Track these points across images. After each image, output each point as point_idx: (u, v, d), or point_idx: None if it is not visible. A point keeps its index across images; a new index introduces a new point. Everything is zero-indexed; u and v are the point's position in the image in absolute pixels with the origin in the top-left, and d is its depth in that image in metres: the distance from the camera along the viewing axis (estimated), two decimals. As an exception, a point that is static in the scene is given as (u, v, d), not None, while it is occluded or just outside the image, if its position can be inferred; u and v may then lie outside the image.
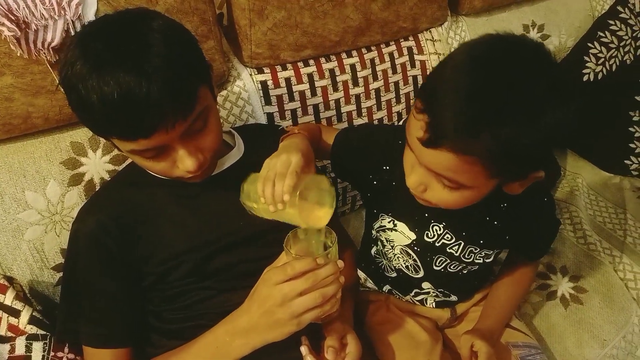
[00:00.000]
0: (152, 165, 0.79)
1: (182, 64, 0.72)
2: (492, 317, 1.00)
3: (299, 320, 0.72)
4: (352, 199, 1.36)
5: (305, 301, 0.71)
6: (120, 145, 0.76)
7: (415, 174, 0.77)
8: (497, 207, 0.89)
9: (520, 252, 1.02)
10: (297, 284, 0.71)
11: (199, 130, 0.77)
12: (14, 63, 0.87)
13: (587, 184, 1.54)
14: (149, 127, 0.70)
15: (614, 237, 1.38)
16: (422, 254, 0.95)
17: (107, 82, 0.67)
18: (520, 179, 0.76)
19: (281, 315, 0.72)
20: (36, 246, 0.95)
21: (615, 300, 1.20)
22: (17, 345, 0.82)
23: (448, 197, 0.76)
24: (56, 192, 0.96)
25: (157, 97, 0.68)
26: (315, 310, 0.72)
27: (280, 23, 1.09)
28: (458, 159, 0.68)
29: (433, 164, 0.72)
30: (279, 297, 0.71)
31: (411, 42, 1.31)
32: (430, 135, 0.68)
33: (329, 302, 0.73)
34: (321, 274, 0.72)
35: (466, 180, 0.72)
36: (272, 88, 1.16)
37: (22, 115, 0.91)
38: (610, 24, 1.51)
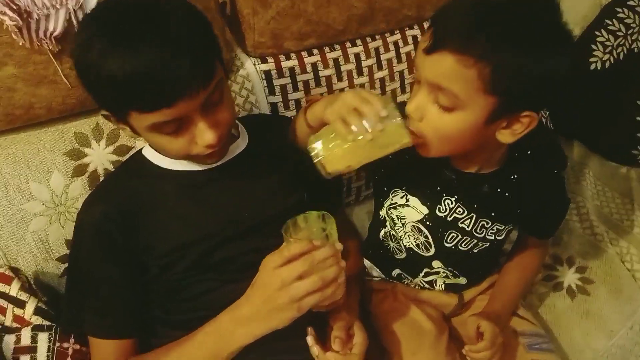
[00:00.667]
0: (169, 143, 0.78)
1: (201, 32, 0.73)
2: (500, 301, 1.01)
3: (299, 304, 0.71)
4: (357, 189, 1.36)
5: (304, 285, 0.70)
6: (140, 120, 0.74)
7: (414, 99, 0.79)
8: (508, 178, 0.91)
9: (530, 229, 1.02)
10: (294, 266, 0.71)
11: (216, 103, 0.77)
12: (16, 53, 0.86)
13: (594, 174, 1.53)
14: (173, 93, 0.70)
15: (621, 227, 1.37)
16: (433, 230, 0.96)
17: (131, 52, 0.67)
18: (511, 111, 0.76)
19: (281, 300, 0.71)
20: (41, 237, 0.95)
21: (622, 291, 1.20)
22: (22, 336, 0.83)
23: (443, 122, 0.76)
24: (60, 183, 0.96)
25: (181, 63, 0.68)
26: (316, 294, 0.71)
27: (283, 12, 1.08)
28: (454, 60, 0.70)
29: (432, 72, 0.74)
30: (278, 282, 0.71)
31: (416, 30, 1.29)
32: (433, 39, 0.73)
33: (330, 286, 0.72)
34: (318, 255, 0.71)
35: (461, 91, 0.72)
36: (275, 78, 1.15)
37: (25, 105, 0.91)
38: (618, 11, 1.49)
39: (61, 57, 0.89)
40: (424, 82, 0.77)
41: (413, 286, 1.05)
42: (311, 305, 0.72)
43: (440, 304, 1.05)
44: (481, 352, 0.89)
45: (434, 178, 0.91)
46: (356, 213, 1.36)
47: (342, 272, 0.74)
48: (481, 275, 1.07)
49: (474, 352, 0.90)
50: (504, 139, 0.79)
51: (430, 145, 0.80)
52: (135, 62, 0.67)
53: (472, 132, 0.77)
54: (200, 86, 0.72)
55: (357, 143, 0.73)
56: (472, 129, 0.77)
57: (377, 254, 1.07)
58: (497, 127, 0.78)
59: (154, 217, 0.85)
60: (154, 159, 0.89)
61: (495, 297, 1.03)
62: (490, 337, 0.89)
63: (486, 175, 0.89)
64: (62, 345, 0.85)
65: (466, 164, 0.90)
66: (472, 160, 0.89)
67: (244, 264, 0.86)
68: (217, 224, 0.85)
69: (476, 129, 0.77)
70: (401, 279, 1.05)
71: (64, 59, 0.90)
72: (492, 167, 0.91)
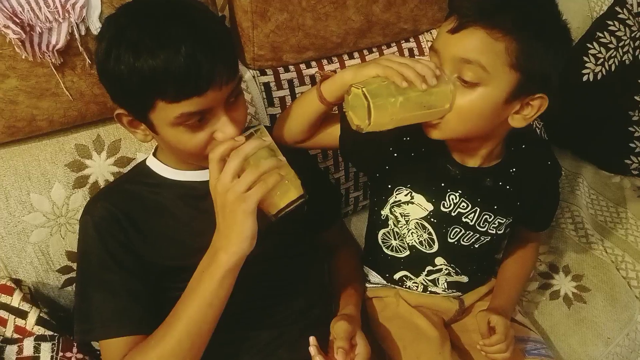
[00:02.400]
0: (189, 139, 0.77)
1: (225, 29, 0.77)
2: (503, 296, 1.04)
3: (244, 197, 0.71)
4: (355, 200, 1.37)
5: (242, 177, 0.71)
6: (166, 111, 0.74)
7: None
8: (508, 172, 0.96)
9: (528, 222, 1.06)
10: (228, 165, 0.72)
11: (234, 100, 0.79)
12: (19, 66, 0.87)
13: (588, 183, 1.55)
14: (206, 82, 0.72)
15: (616, 235, 1.38)
16: (437, 226, 0.97)
17: (168, 41, 0.69)
18: (528, 94, 0.80)
19: (229, 203, 0.72)
20: (41, 248, 0.95)
21: (618, 299, 1.21)
22: (25, 346, 0.82)
23: (465, 101, 0.79)
24: (61, 194, 0.96)
25: (214, 54, 0.71)
26: (260, 184, 0.71)
27: (282, 25, 1.10)
28: (485, 33, 0.75)
29: (460, 48, 0.78)
30: (220, 187, 0.72)
31: (412, 43, 1.32)
32: (460, 19, 0.77)
33: (271, 176, 0.72)
34: (245, 146, 0.73)
35: (488, 62, 0.76)
36: (274, 90, 1.16)
37: (27, 117, 0.91)
38: (609, 24, 1.52)
39: (63, 70, 0.90)
40: (448, 61, 0.79)
41: (416, 287, 1.06)
42: (258, 196, 0.71)
43: (442, 309, 1.06)
44: (496, 345, 0.90)
45: (438, 174, 0.95)
46: (354, 223, 1.37)
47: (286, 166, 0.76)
48: (481, 275, 1.08)
49: (488, 345, 0.91)
50: (516, 124, 0.84)
51: (446, 126, 0.82)
52: (173, 50, 0.69)
53: (491, 112, 0.81)
54: (229, 78, 0.74)
55: (408, 96, 0.76)
56: (492, 107, 0.80)
57: (378, 258, 1.08)
58: (511, 111, 0.82)
59: (156, 222, 0.85)
60: (157, 169, 0.89)
61: (498, 293, 1.05)
62: (502, 330, 0.90)
63: (488, 169, 0.94)
64: (65, 355, 0.85)
65: (469, 159, 0.93)
66: (474, 154, 0.92)
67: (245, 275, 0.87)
68: None
69: (495, 108, 0.81)
70: (404, 281, 1.06)
71: (66, 71, 0.90)
72: (493, 161, 0.94)
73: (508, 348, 0.91)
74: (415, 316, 1.02)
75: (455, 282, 1.05)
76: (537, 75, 0.79)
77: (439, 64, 0.81)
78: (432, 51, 0.82)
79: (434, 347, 0.96)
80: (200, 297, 0.76)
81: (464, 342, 1.04)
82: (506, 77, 0.78)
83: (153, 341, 0.77)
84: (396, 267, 1.06)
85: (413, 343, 0.97)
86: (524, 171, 0.96)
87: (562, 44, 0.80)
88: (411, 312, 1.03)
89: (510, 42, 0.75)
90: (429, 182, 0.96)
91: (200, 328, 0.77)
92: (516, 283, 1.08)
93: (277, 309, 0.91)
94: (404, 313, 1.03)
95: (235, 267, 0.75)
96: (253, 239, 0.74)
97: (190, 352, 0.77)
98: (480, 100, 0.79)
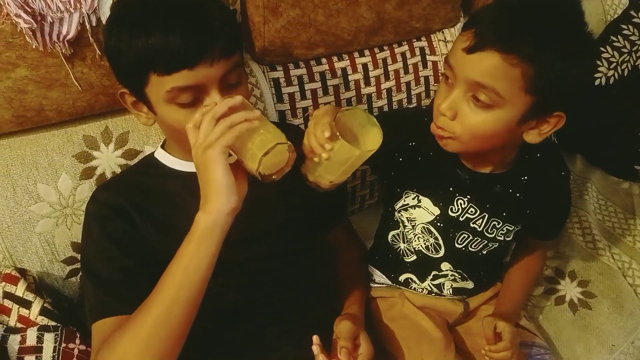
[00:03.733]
0: (184, 119, 0.76)
1: (229, 13, 0.80)
2: (508, 304, 1.03)
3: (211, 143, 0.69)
4: (361, 198, 1.36)
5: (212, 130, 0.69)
6: (159, 86, 0.75)
7: (448, 99, 0.80)
8: (519, 179, 0.94)
9: (537, 230, 1.05)
10: (201, 128, 0.70)
11: (234, 85, 0.79)
12: (29, 55, 0.87)
13: (597, 188, 1.53)
14: (196, 54, 0.72)
15: (623, 242, 1.37)
16: (444, 231, 0.97)
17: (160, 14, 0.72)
18: (544, 114, 0.79)
19: (200, 159, 0.70)
20: (47, 239, 0.95)
21: (624, 306, 1.20)
22: (28, 336, 0.83)
23: (478, 120, 0.79)
24: (68, 185, 0.96)
25: (207, 28, 0.73)
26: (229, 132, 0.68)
27: (294, 21, 1.09)
28: (501, 58, 0.73)
29: (475, 71, 0.76)
30: (197, 146, 0.71)
31: (424, 42, 1.30)
32: (477, 40, 0.75)
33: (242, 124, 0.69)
34: (218, 108, 0.71)
35: (503, 89, 0.75)
36: (284, 86, 1.16)
37: (36, 107, 0.91)
38: (623, 28, 1.50)
39: (73, 61, 0.90)
40: (462, 81, 0.78)
41: (421, 291, 1.05)
42: (227, 142, 0.68)
43: (446, 312, 1.06)
44: (502, 352, 0.90)
45: (447, 179, 0.94)
46: (360, 222, 1.36)
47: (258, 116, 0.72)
48: (486, 281, 1.08)
49: (494, 351, 0.91)
50: (531, 139, 0.83)
51: (459, 142, 0.83)
52: (166, 27, 0.71)
53: (505, 131, 0.80)
54: (222, 55, 0.74)
55: (324, 163, 0.75)
56: (506, 127, 0.80)
57: (385, 258, 1.08)
58: (526, 128, 0.81)
59: (161, 213, 0.85)
60: (166, 160, 0.90)
61: (503, 301, 1.05)
62: (509, 337, 0.90)
63: (498, 175, 0.93)
64: (68, 346, 0.85)
65: (479, 165, 0.92)
66: (486, 160, 0.91)
67: (248, 271, 0.87)
68: None
69: (509, 128, 0.80)
70: (409, 284, 1.06)
71: (76, 62, 0.90)
72: (504, 168, 0.93)
73: (513, 356, 0.90)
74: (420, 317, 1.02)
75: (461, 288, 1.04)
76: (554, 96, 0.77)
77: (454, 80, 0.80)
78: (447, 65, 0.81)
79: (438, 349, 0.96)
80: (177, 262, 0.72)
81: (468, 345, 1.04)
82: (521, 100, 0.77)
83: (133, 315, 0.73)
84: (403, 270, 1.05)
85: (418, 344, 0.97)
86: (535, 180, 0.95)
87: (586, 57, 0.79)
88: (416, 313, 1.03)
89: (527, 68, 0.73)
90: (437, 185, 0.96)
91: (177, 296, 0.71)
92: (522, 290, 1.07)
93: (282, 307, 0.90)
94: (409, 314, 1.03)
95: (214, 226, 0.71)
96: (230, 193, 0.70)
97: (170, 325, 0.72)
98: (493, 121, 0.79)
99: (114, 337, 0.72)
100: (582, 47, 0.77)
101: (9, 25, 0.83)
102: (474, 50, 0.75)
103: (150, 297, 0.73)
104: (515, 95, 0.76)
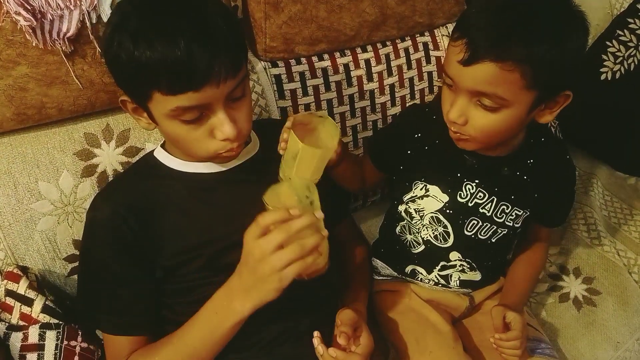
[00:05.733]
0: (187, 133, 0.77)
1: (233, 25, 0.75)
2: (513, 296, 1.03)
3: (281, 275, 0.70)
4: (364, 195, 1.35)
5: (284, 254, 0.69)
6: (162, 103, 0.74)
7: (456, 107, 0.83)
8: (525, 162, 0.96)
9: (543, 216, 1.06)
10: (272, 235, 0.70)
11: (239, 98, 0.78)
12: (29, 53, 0.86)
13: (602, 184, 1.52)
14: (202, 78, 0.70)
15: (629, 239, 1.36)
16: (454, 218, 0.97)
17: (167, 32, 0.69)
18: (552, 96, 0.82)
19: (262, 271, 0.71)
20: (49, 237, 0.95)
21: (629, 303, 1.19)
22: (30, 334, 0.83)
23: (489, 121, 0.81)
24: (69, 183, 0.96)
25: (215, 49, 0.70)
26: (297, 263, 0.70)
27: (295, 16, 1.08)
28: (497, 67, 0.75)
29: (475, 81, 0.78)
30: (258, 252, 0.71)
31: (427, 37, 1.29)
32: (470, 52, 0.76)
33: (311, 255, 0.71)
34: (296, 224, 0.70)
35: (505, 92, 0.77)
36: (286, 82, 1.15)
37: (37, 105, 0.91)
38: (630, 22, 1.48)
39: (73, 58, 0.90)
40: (464, 90, 0.81)
41: (427, 282, 1.05)
42: (294, 275, 0.71)
43: (452, 305, 1.06)
44: (512, 342, 0.90)
45: (454, 164, 0.95)
46: (363, 218, 1.36)
47: (325, 240, 0.74)
48: (492, 273, 1.07)
49: (504, 340, 0.91)
50: (544, 120, 0.86)
51: (477, 142, 0.87)
52: (170, 42, 0.68)
53: (517, 124, 0.84)
54: (229, 75, 0.72)
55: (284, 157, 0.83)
56: (517, 121, 0.82)
57: (392, 250, 1.08)
58: (537, 112, 0.83)
59: (164, 217, 0.85)
60: (165, 160, 0.89)
61: (509, 292, 1.05)
62: (519, 327, 0.91)
63: (505, 157, 0.94)
64: (70, 344, 0.85)
65: (486, 149, 0.93)
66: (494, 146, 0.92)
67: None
68: (227, 226, 0.85)
69: (520, 120, 0.83)
70: (415, 274, 1.05)
71: (76, 59, 0.90)
72: (510, 150, 0.95)
73: (521, 346, 0.90)
74: (428, 310, 1.02)
75: (468, 281, 1.04)
76: (557, 81, 0.79)
77: (456, 88, 0.82)
78: (446, 74, 0.83)
79: (447, 341, 0.96)
80: (207, 333, 0.79)
81: (475, 339, 1.03)
82: (526, 96, 0.79)
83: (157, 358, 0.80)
84: (409, 261, 1.05)
85: (425, 337, 0.97)
86: (541, 163, 0.96)
87: (580, 33, 0.79)
88: (423, 306, 1.03)
89: (524, 69, 0.75)
90: (444, 172, 0.96)
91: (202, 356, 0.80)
92: (526, 283, 1.08)
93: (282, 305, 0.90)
94: (416, 306, 1.03)
95: (248, 315, 0.77)
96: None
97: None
98: (503, 120, 0.81)
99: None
100: (572, 20, 0.78)
101: (9, 23, 0.83)
102: (469, 62, 0.76)
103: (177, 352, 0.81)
104: (518, 94, 0.78)
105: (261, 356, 0.86)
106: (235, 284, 0.76)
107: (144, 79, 0.72)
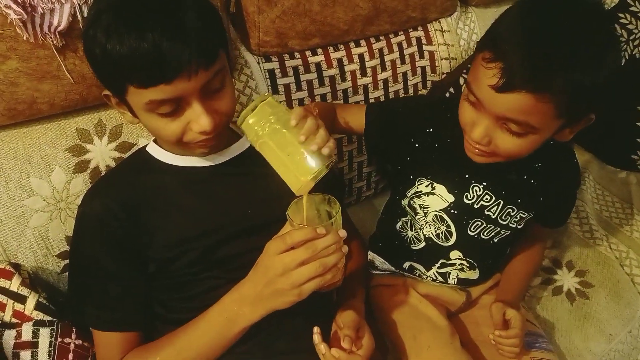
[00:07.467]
0: (164, 126, 0.77)
1: (208, 17, 0.74)
2: (511, 293, 1.03)
3: (300, 290, 0.72)
4: (358, 190, 1.36)
5: (306, 271, 0.71)
6: (137, 96, 0.74)
7: (479, 127, 0.80)
8: (533, 166, 0.95)
9: (546, 218, 1.05)
10: (297, 254, 0.71)
11: (216, 90, 0.77)
12: (20, 47, 0.85)
13: (594, 178, 1.53)
14: (173, 70, 0.70)
15: (621, 232, 1.37)
16: (458, 218, 0.97)
17: (136, 26, 0.68)
18: (577, 121, 0.80)
19: (282, 285, 0.72)
20: (41, 233, 0.94)
21: (621, 295, 1.20)
22: (23, 331, 0.82)
23: (514, 145, 0.80)
24: (61, 179, 0.95)
25: (184, 41, 0.69)
26: (316, 279, 0.71)
27: (289, 10, 1.08)
28: (534, 98, 0.72)
29: (507, 109, 0.75)
30: (280, 267, 0.72)
31: (420, 32, 1.29)
32: (506, 79, 0.72)
33: (330, 272, 0.72)
34: (321, 243, 0.71)
35: (536, 122, 0.75)
36: (279, 77, 1.15)
37: (27, 100, 0.90)
38: (620, 17, 1.49)
39: (65, 52, 0.89)
40: (493, 115, 0.78)
41: (425, 278, 1.05)
42: (312, 290, 0.72)
43: (449, 300, 1.06)
44: (511, 339, 0.91)
45: (463, 166, 0.93)
46: (357, 213, 1.36)
47: (343, 257, 0.75)
48: (491, 270, 1.08)
49: (504, 337, 0.92)
50: (563, 138, 0.84)
51: (494, 158, 0.85)
52: (139, 37, 0.68)
53: (540, 145, 0.82)
54: (200, 67, 0.72)
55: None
56: (541, 143, 0.82)
57: (391, 245, 1.08)
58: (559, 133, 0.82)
59: (156, 211, 0.84)
60: (158, 154, 0.89)
61: (506, 289, 1.05)
62: (520, 325, 0.91)
63: (514, 162, 0.92)
64: (64, 341, 0.85)
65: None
66: None
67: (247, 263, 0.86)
68: (220, 219, 0.85)
69: (543, 142, 0.82)
70: (413, 270, 1.05)
71: (68, 54, 0.89)
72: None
73: (520, 344, 0.91)
74: (425, 305, 1.02)
75: (465, 279, 1.04)
76: (586, 108, 0.77)
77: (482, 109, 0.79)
78: (472, 94, 0.80)
79: (444, 337, 0.96)
80: (214, 336, 0.79)
81: (472, 334, 1.04)
82: (554, 124, 0.78)
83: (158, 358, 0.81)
84: (407, 257, 1.05)
85: (423, 332, 0.97)
86: (549, 166, 0.95)
87: (618, 54, 0.77)
88: (420, 301, 1.03)
89: (559, 99, 0.72)
90: (452, 173, 0.96)
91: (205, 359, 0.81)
92: (524, 280, 1.08)
93: None
94: (414, 302, 1.03)
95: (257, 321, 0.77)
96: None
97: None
98: (528, 144, 0.80)
99: None
100: (609, 41, 0.75)
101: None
102: (504, 90, 0.73)
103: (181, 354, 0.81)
104: (549, 123, 0.76)
105: (256, 351, 0.86)
106: (249, 292, 0.76)
107: (118, 73, 0.73)
